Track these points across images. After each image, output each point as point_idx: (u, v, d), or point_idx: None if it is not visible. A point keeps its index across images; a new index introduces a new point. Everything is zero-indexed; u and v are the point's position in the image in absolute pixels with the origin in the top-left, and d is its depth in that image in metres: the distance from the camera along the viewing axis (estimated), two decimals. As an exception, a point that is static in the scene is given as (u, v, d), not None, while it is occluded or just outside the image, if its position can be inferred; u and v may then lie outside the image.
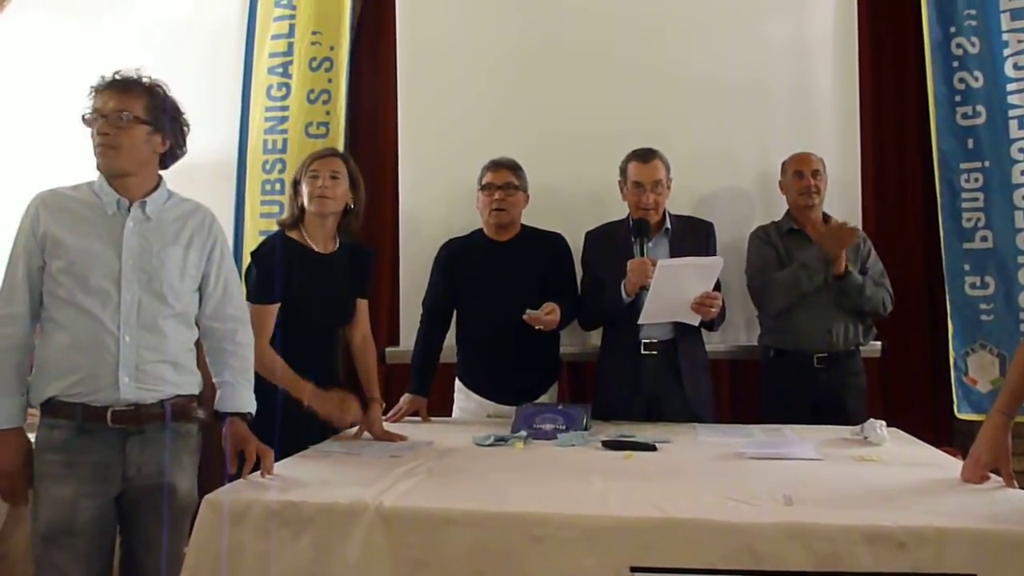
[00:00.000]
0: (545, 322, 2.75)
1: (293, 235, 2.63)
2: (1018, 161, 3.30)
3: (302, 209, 2.64)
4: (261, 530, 1.77)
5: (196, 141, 3.88)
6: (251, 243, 3.74)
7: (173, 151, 2.11)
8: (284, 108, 3.76)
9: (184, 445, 2.09)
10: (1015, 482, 1.90)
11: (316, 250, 2.62)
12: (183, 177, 3.67)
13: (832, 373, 3.03)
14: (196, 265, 2.11)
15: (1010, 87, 3.31)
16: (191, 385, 2.10)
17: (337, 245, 2.68)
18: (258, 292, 2.50)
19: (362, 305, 2.77)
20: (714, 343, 3.20)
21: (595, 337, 3.18)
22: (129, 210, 2.01)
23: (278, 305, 2.52)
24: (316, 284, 2.59)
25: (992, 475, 1.94)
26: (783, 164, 3.22)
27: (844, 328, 3.06)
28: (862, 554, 1.56)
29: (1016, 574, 1.52)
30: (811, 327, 3.03)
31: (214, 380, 2.17)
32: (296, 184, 2.66)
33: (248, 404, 2.17)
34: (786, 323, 3.07)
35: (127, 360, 1.95)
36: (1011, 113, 3.31)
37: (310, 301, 2.57)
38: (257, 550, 1.77)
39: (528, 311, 2.73)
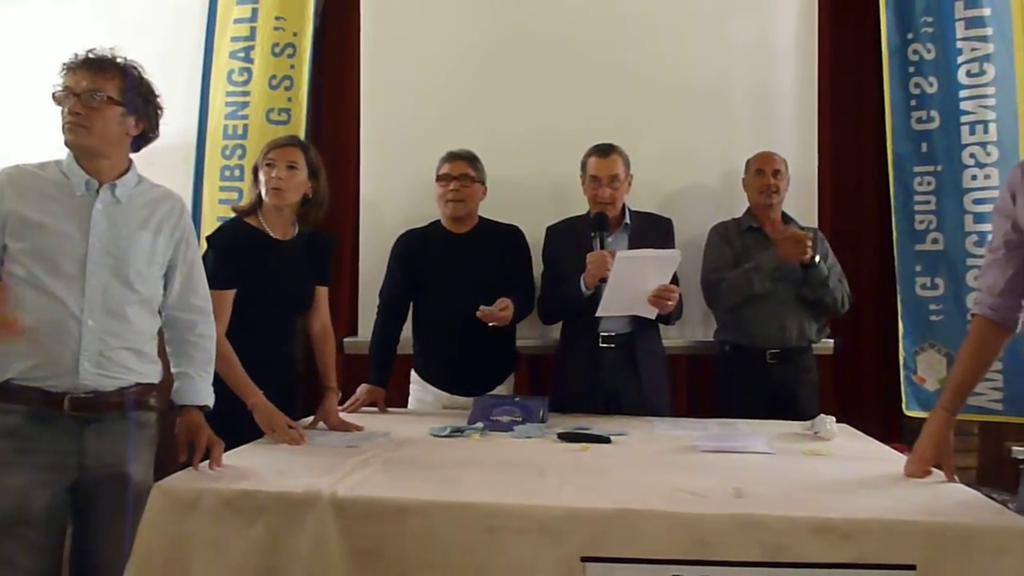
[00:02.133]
0: (498, 318, 2.75)
1: (251, 221, 2.60)
2: (968, 166, 3.38)
3: (259, 196, 2.61)
4: (213, 518, 1.76)
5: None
6: (209, 229, 3.68)
7: (146, 134, 2.06)
8: (245, 93, 3.70)
9: (142, 435, 2.04)
10: (956, 477, 1.96)
11: (273, 236, 2.59)
12: (141, 161, 3.61)
13: (785, 368, 3.09)
14: (164, 252, 2.07)
15: (963, 93, 3.39)
16: (152, 374, 2.06)
17: (296, 232, 2.65)
18: (213, 277, 2.46)
19: (321, 293, 2.75)
20: (672, 338, 3.25)
21: (554, 330, 3.20)
22: (98, 192, 1.97)
23: (233, 292, 2.49)
24: (273, 271, 2.56)
25: (935, 470, 1.99)
26: (747, 162, 3.27)
27: (798, 325, 3.12)
28: (808, 545, 1.60)
29: (954, 564, 1.57)
30: (765, 324, 3.09)
31: (173, 370, 2.13)
32: (256, 171, 2.63)
33: (207, 397, 2.14)
34: (741, 319, 3.13)
35: (89, 345, 1.91)
36: (963, 119, 3.38)
37: (267, 288, 2.54)
38: (208, 538, 1.76)
39: (481, 307, 2.74)
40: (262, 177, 2.57)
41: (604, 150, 2.96)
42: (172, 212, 2.10)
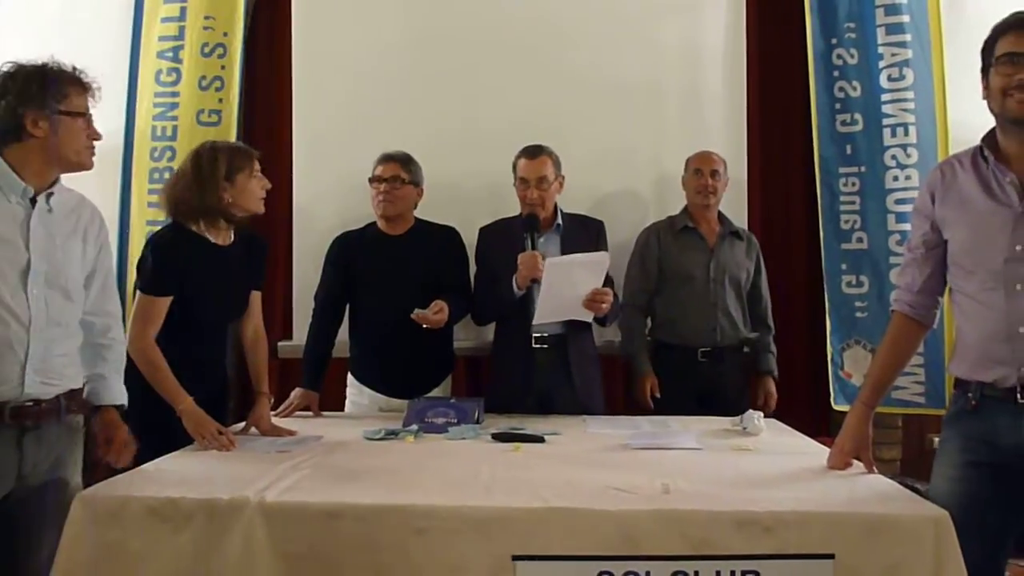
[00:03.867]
0: (432, 321, 2.74)
1: (191, 226, 2.50)
2: (890, 167, 3.49)
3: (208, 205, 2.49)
4: (138, 527, 1.73)
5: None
6: (138, 232, 3.62)
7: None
8: (174, 94, 3.64)
9: (75, 439, 2.04)
10: (875, 468, 2.03)
11: (213, 242, 2.52)
12: (64, 162, 3.51)
13: (715, 367, 3.16)
14: (90, 259, 2.06)
15: (884, 97, 3.50)
16: (79, 378, 2.06)
17: (232, 237, 2.58)
18: (153, 283, 2.40)
19: (255, 297, 2.71)
20: (608, 337, 3.29)
21: (490, 331, 3.20)
22: (34, 201, 1.92)
23: (170, 298, 2.42)
24: (212, 278, 2.50)
25: (855, 462, 2.05)
26: (686, 160, 3.31)
27: (729, 325, 3.19)
28: (731, 538, 1.64)
29: (870, 552, 1.63)
30: (696, 325, 3.16)
31: (86, 372, 2.11)
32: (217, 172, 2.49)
33: (121, 396, 2.15)
34: (673, 321, 3.19)
35: (35, 355, 1.89)
36: (885, 122, 3.50)
37: (205, 296, 2.49)
38: (134, 548, 1.73)
39: (416, 310, 2.73)
40: (243, 185, 2.50)
41: (532, 152, 2.97)
42: (93, 220, 2.09)
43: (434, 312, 2.73)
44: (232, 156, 2.50)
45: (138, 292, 2.41)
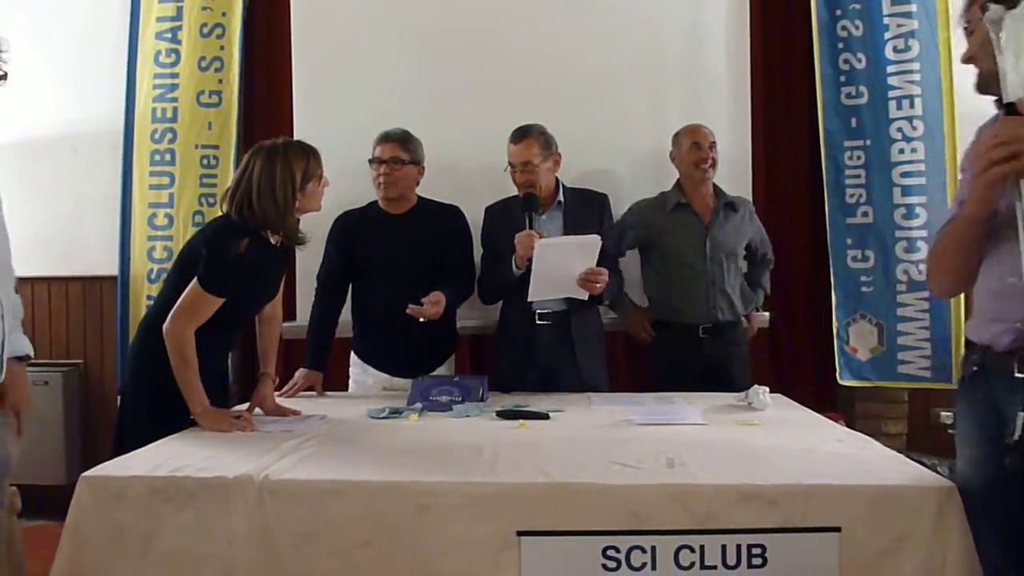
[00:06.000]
0: (428, 315, 2.72)
1: (256, 229, 2.38)
2: (896, 140, 3.45)
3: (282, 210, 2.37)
4: (142, 506, 1.74)
5: (79, 107, 3.74)
6: (140, 215, 3.62)
7: None
8: (174, 75, 3.62)
9: None
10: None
11: (272, 244, 2.42)
12: (65, 146, 3.51)
13: (716, 343, 3.14)
14: None
15: (890, 68, 3.46)
16: None
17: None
18: (222, 286, 2.29)
19: None
20: (611, 314, 3.27)
21: (496, 310, 3.19)
22: None
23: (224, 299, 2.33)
24: (265, 279, 2.46)
25: (858, 435, 2.04)
26: (676, 135, 3.25)
27: (727, 302, 3.18)
28: (736, 512, 1.64)
29: (875, 524, 1.62)
30: (696, 305, 3.14)
31: None
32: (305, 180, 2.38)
33: (26, 346, 2.01)
34: (670, 299, 3.18)
35: None
36: (890, 94, 3.46)
37: (254, 296, 2.46)
38: (139, 528, 1.73)
39: (411, 306, 2.71)
40: (312, 192, 2.41)
41: (517, 136, 2.94)
42: None
43: (431, 304, 2.72)
44: (308, 162, 2.38)
45: (195, 283, 2.28)
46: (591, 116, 3.46)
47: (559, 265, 2.71)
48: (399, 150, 2.91)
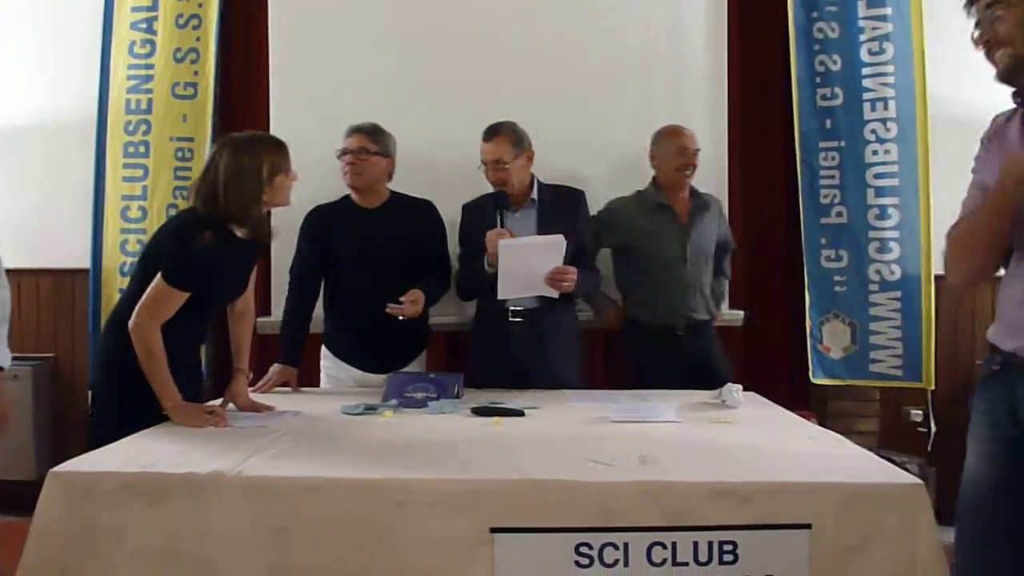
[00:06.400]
0: (407, 313, 2.73)
1: (224, 223, 2.35)
2: (870, 141, 3.49)
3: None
4: (113, 502, 1.72)
5: (52, 98, 3.68)
6: (112, 207, 3.57)
7: None
8: (149, 67, 3.58)
9: None
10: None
11: (239, 239, 2.39)
12: (37, 135, 3.46)
13: (694, 341, 3.16)
14: None
15: (865, 71, 3.49)
16: None
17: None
18: (184, 280, 2.27)
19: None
20: (588, 311, 3.28)
21: (472, 306, 3.19)
22: None
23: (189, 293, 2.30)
24: (233, 274, 2.44)
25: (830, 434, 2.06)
26: (659, 135, 3.24)
27: (703, 303, 3.21)
28: (708, 509, 1.65)
29: (845, 521, 1.64)
30: (675, 306, 3.16)
31: None
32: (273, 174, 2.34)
33: (5, 359, 2.11)
34: (649, 300, 3.18)
35: None
36: (865, 96, 3.49)
37: (222, 291, 2.44)
38: (109, 524, 1.71)
39: (389, 305, 2.72)
40: (279, 186, 2.36)
41: (489, 133, 2.94)
42: None
43: (410, 303, 2.72)
44: (275, 156, 2.35)
45: (159, 277, 2.26)
46: (570, 114, 3.47)
47: (525, 264, 2.73)
48: (367, 141, 2.90)
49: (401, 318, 2.74)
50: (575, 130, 3.44)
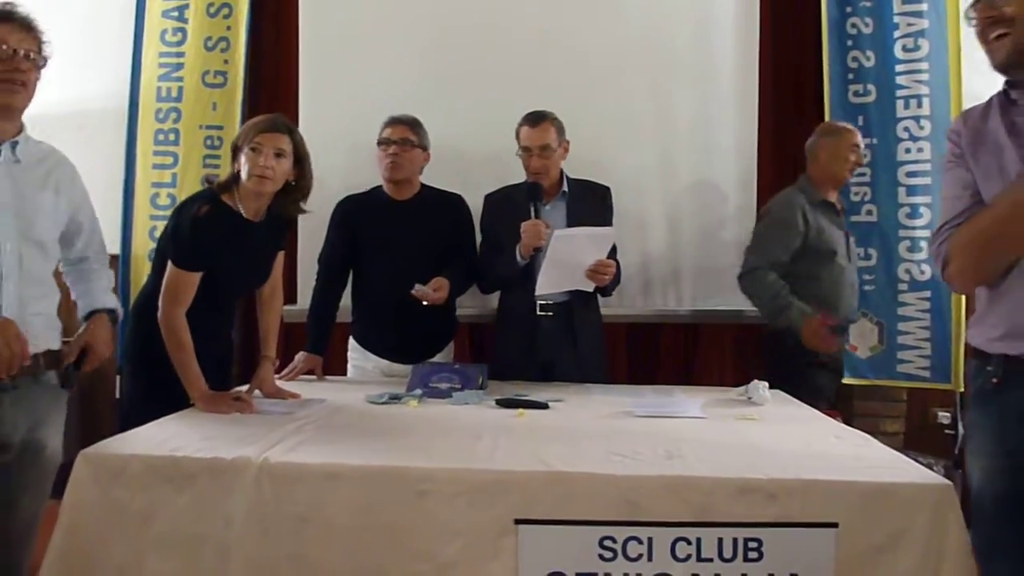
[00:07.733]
0: (432, 299, 2.73)
1: (226, 200, 2.40)
2: (903, 139, 3.45)
3: (237, 176, 2.40)
4: (141, 486, 1.73)
5: (84, 85, 3.71)
6: (143, 194, 3.61)
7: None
8: (180, 55, 3.61)
9: (56, 401, 2.02)
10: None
11: (245, 217, 2.42)
12: (70, 123, 3.49)
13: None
14: (64, 212, 2.03)
15: (899, 68, 3.45)
16: (57, 340, 2.02)
17: (264, 214, 2.47)
18: (189, 258, 2.32)
19: (278, 257, 2.62)
20: (612, 307, 3.27)
21: (495, 299, 3.18)
22: None
23: (201, 274, 2.34)
24: (242, 255, 2.44)
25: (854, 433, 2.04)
26: (833, 128, 3.17)
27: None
28: (734, 505, 1.64)
29: (871, 520, 1.62)
30: (844, 302, 3.11)
31: (78, 299, 2.19)
32: (236, 149, 2.40)
33: (114, 303, 2.20)
34: (823, 299, 3.02)
35: (8, 309, 1.84)
36: (899, 93, 3.45)
37: (233, 271, 2.45)
38: (136, 507, 1.73)
39: (416, 286, 2.72)
40: (244, 160, 2.35)
41: (534, 119, 2.92)
42: (66, 173, 2.07)
43: (434, 289, 2.72)
44: (246, 129, 2.40)
45: (170, 263, 2.32)
46: (597, 107, 3.45)
47: (571, 257, 2.69)
48: (409, 132, 2.91)
49: (425, 303, 2.74)
50: (600, 123, 3.43)
